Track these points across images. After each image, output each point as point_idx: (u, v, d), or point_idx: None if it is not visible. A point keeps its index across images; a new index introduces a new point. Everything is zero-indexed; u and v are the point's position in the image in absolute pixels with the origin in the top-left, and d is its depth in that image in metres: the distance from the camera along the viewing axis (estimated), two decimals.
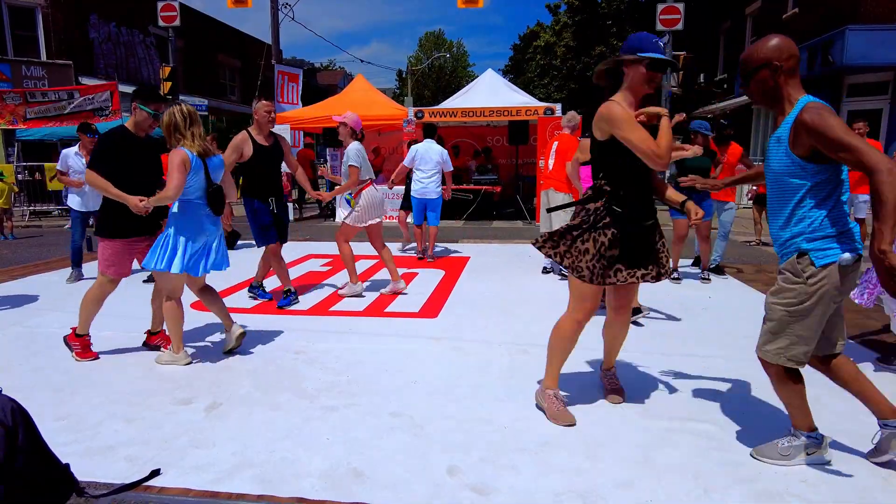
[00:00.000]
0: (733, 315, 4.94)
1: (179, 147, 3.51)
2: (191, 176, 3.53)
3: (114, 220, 3.73)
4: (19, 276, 6.63)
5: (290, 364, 3.79)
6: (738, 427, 2.88)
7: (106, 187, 3.60)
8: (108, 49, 19.49)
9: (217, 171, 3.73)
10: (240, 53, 27.35)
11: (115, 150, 3.67)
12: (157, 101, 3.77)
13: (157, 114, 3.74)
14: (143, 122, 3.74)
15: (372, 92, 14.25)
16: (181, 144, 3.52)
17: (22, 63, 16.74)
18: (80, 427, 2.89)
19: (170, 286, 3.68)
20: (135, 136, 3.76)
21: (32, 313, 5.04)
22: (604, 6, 26.65)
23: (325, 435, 2.80)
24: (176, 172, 3.43)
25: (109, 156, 3.64)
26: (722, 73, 22.98)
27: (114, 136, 3.73)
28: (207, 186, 3.65)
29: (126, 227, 3.74)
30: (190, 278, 3.78)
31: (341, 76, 42.93)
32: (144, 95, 3.75)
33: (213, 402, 3.19)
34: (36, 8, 17.25)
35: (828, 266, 2.23)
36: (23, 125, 13.10)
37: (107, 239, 3.76)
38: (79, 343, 3.85)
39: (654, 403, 3.16)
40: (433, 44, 50.27)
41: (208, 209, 3.67)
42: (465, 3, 13.28)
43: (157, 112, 3.74)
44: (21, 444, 1.99)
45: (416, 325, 4.66)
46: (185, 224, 3.60)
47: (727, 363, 3.78)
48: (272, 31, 16.43)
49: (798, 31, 16.37)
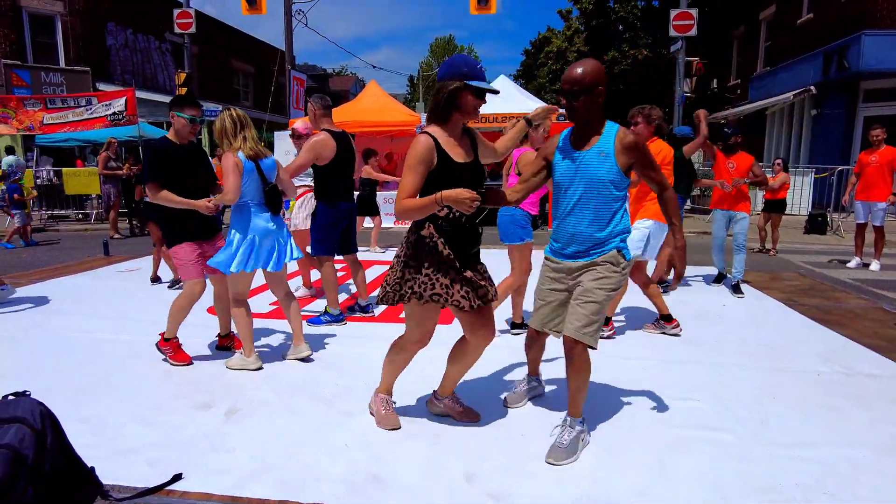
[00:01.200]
0: (748, 323, 4.92)
1: (229, 152, 3.58)
2: (244, 178, 3.59)
3: (176, 227, 3.80)
4: (38, 279, 6.74)
5: (306, 369, 3.83)
6: (754, 436, 2.87)
7: (170, 198, 3.67)
8: (124, 55, 19.78)
9: (271, 171, 3.77)
10: (253, 59, 27.63)
11: (164, 162, 3.71)
12: (194, 107, 3.80)
13: (194, 118, 3.76)
14: (182, 129, 3.78)
15: (385, 98, 14.34)
16: (232, 149, 3.58)
17: (41, 70, 17.04)
18: (102, 430, 2.94)
19: (235, 289, 3.74)
20: (178, 145, 3.80)
21: (53, 316, 5.12)
22: (617, 11, 26.61)
23: (343, 440, 2.83)
24: (231, 175, 3.51)
25: (162, 167, 3.70)
26: (735, 78, 22.87)
27: (159, 149, 3.76)
28: (263, 186, 3.70)
29: (190, 228, 3.81)
30: (272, 282, 3.88)
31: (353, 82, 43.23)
32: (180, 103, 3.79)
33: (233, 406, 3.22)
34: (56, 16, 17.55)
35: (630, 260, 2.75)
36: (40, 130, 13.31)
37: (174, 246, 3.81)
38: (170, 346, 3.91)
39: (670, 411, 3.16)
40: (444, 49, 50.46)
41: (266, 208, 3.73)
42: (478, 10, 13.35)
43: (194, 117, 3.75)
44: (49, 447, 2.04)
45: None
46: (245, 226, 3.66)
47: (742, 371, 3.76)
48: (286, 38, 16.61)
49: (812, 36, 16.28)
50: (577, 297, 2.66)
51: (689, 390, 3.44)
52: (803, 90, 15.71)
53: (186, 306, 3.87)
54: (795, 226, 12.10)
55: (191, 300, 3.85)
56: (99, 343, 4.32)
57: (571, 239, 2.71)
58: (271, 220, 3.74)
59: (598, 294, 2.63)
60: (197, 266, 3.83)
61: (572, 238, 2.71)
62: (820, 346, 4.28)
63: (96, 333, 4.56)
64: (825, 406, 3.23)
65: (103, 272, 7.24)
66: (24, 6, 17.03)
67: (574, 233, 2.70)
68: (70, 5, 17.61)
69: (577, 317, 2.62)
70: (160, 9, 19.79)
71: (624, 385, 3.52)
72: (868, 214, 7.81)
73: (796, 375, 3.69)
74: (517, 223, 4.25)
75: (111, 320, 4.96)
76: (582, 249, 2.70)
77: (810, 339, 4.48)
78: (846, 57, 13.91)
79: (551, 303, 2.85)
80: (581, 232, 2.68)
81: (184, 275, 3.85)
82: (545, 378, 3.51)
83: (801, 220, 12.44)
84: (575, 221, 2.69)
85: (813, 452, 2.71)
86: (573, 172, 2.67)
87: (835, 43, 14.54)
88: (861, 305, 5.56)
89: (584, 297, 2.64)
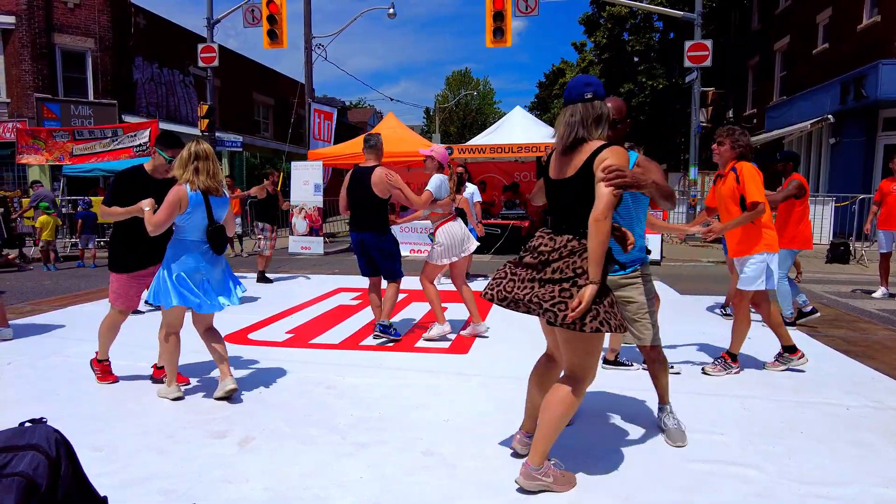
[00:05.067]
0: (770, 354, 4.78)
1: (180, 184, 3.53)
2: (188, 213, 3.52)
3: (119, 254, 3.92)
4: (59, 305, 6.83)
5: (320, 398, 3.80)
6: (781, 472, 2.77)
7: (112, 211, 3.78)
8: (149, 89, 20.38)
9: (221, 209, 3.70)
10: (273, 91, 28.29)
11: (128, 187, 3.82)
12: (175, 148, 3.82)
13: (172, 160, 3.77)
14: (159, 166, 3.90)
15: (401, 129, 14.54)
16: (181, 180, 3.54)
17: (71, 103, 17.62)
18: (115, 457, 2.93)
19: (165, 320, 3.73)
20: (150, 177, 3.90)
21: (71, 343, 5.16)
22: (631, 44, 26.90)
23: (356, 472, 2.78)
24: (164, 207, 3.45)
25: (122, 193, 3.80)
26: (751, 108, 22.87)
27: (128, 175, 3.92)
28: (208, 225, 3.62)
29: (130, 261, 3.90)
30: (195, 316, 3.75)
31: (371, 114, 43.97)
32: (164, 142, 3.89)
33: (246, 435, 3.20)
34: (87, 52, 18.21)
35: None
36: (69, 161, 13.69)
37: (114, 272, 3.95)
38: (99, 368, 4.11)
39: (695, 446, 3.06)
40: (459, 82, 51.25)
41: (208, 247, 3.65)
42: (494, 43, 13.57)
43: (173, 158, 3.77)
44: (63, 475, 2.02)
45: (447, 361, 4.63)
46: (176, 260, 3.57)
47: (765, 403, 3.66)
48: (305, 71, 17.00)
49: (829, 66, 16.28)
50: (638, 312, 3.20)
51: (710, 423, 3.34)
52: (821, 119, 15.63)
53: (112, 327, 4.05)
54: (817, 255, 11.89)
55: (115, 323, 4.03)
56: (113, 371, 4.34)
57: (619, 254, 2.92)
58: (207, 260, 3.63)
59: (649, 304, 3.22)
60: (129, 297, 3.96)
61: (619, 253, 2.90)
62: (846, 379, 4.15)
63: (112, 361, 4.58)
64: (854, 441, 3.12)
65: None
66: (57, 43, 17.72)
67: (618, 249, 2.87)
68: (101, 42, 18.27)
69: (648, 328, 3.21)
70: (185, 43, 20.44)
71: (645, 418, 3.43)
72: (892, 244, 7.66)
73: (822, 409, 3.58)
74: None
75: (126, 347, 4.97)
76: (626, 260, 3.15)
77: (836, 371, 4.35)
78: (864, 86, 13.85)
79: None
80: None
81: (115, 301, 3.96)
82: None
83: (823, 249, 12.23)
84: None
85: (842, 490, 2.60)
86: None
87: (852, 72, 14.52)
88: (889, 337, 5.41)
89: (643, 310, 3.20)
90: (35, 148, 13.48)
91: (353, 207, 5.15)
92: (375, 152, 5.15)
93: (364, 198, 5.04)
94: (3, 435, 2.05)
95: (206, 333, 3.80)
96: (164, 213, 3.45)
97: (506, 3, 13.19)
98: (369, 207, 5.06)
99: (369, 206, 5.05)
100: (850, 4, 15.69)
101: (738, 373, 4.26)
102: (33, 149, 13.48)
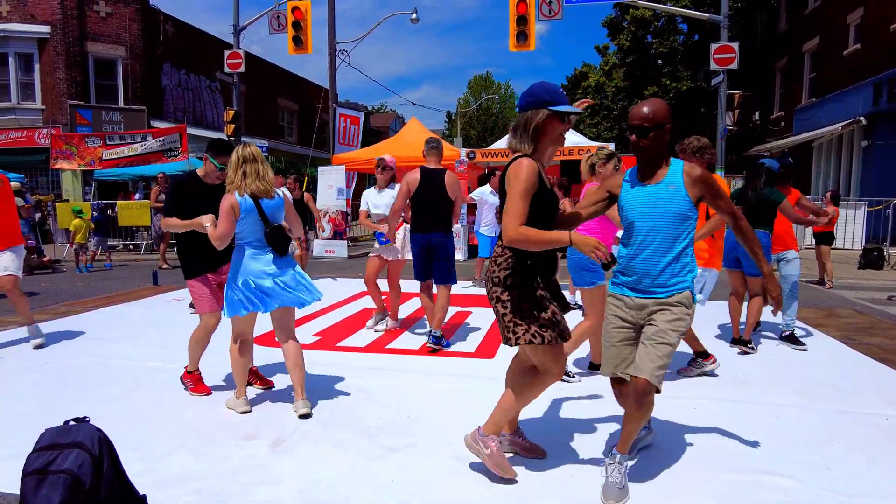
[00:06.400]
0: (802, 361, 4.70)
1: (230, 191, 3.49)
2: (241, 219, 3.46)
3: (190, 260, 3.91)
4: (93, 307, 6.99)
5: (349, 401, 3.83)
6: (819, 483, 2.71)
7: (176, 224, 3.79)
8: (177, 94, 20.81)
9: (275, 211, 3.60)
10: (297, 96, 28.66)
11: (184, 194, 3.87)
12: (225, 155, 3.80)
13: (224, 167, 3.79)
14: (210, 172, 3.94)
15: (425, 133, 14.59)
16: (231, 187, 3.50)
17: (102, 109, 18.11)
18: (150, 457, 2.99)
19: (235, 329, 3.64)
20: (203, 182, 3.95)
21: (104, 344, 5.28)
22: (655, 46, 26.64)
23: (387, 475, 2.79)
24: (222, 220, 3.43)
25: (180, 200, 3.85)
26: (779, 110, 22.47)
27: (183, 182, 3.98)
28: (264, 227, 3.53)
29: (202, 263, 3.89)
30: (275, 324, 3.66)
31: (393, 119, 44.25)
32: (216, 148, 3.91)
33: (278, 437, 3.23)
34: (118, 59, 18.70)
35: (695, 304, 2.72)
36: (100, 166, 14.04)
37: (189, 280, 3.91)
38: (190, 379, 4.02)
39: (728, 455, 3.01)
40: (481, 86, 51.28)
41: (269, 249, 3.56)
42: (517, 47, 13.55)
43: (224, 166, 3.78)
44: (106, 473, 2.08)
45: (474, 366, 4.63)
46: (241, 267, 3.52)
47: (800, 412, 3.58)
48: (329, 76, 17.17)
49: (860, 67, 15.92)
50: (651, 338, 2.58)
51: (742, 431, 3.27)
52: (852, 121, 15.30)
53: (202, 338, 3.95)
54: (849, 261, 11.62)
55: (206, 332, 3.93)
56: (147, 371, 4.43)
57: (644, 274, 2.64)
58: (273, 262, 3.55)
59: (672, 336, 2.56)
60: (210, 299, 3.87)
61: (644, 273, 2.64)
62: (885, 388, 4.04)
63: (145, 362, 4.68)
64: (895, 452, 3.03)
65: (152, 301, 7.46)
66: (90, 51, 18.23)
67: (646, 268, 2.63)
68: (131, 49, 18.74)
69: (651, 358, 2.53)
70: (212, 50, 20.82)
71: (675, 424, 3.39)
72: None
73: (861, 418, 3.49)
74: (584, 267, 4.10)
75: (159, 349, 5.08)
76: (654, 285, 2.63)
77: (873, 379, 4.24)
78: None
79: (618, 344, 2.74)
80: (652, 267, 2.62)
81: (198, 307, 3.91)
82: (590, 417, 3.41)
83: (855, 254, 11.94)
84: (647, 256, 2.63)
85: (885, 503, 2.53)
86: (643, 207, 2.64)
87: (885, 73, 14.18)
88: None
89: (657, 337, 2.56)
90: (68, 153, 13.84)
91: (423, 208, 5.14)
92: (438, 154, 5.30)
93: (437, 198, 5.13)
94: (49, 433, 2.11)
95: (286, 345, 3.64)
96: (223, 224, 3.42)
97: (529, 7, 13.16)
98: (439, 208, 5.16)
99: (440, 206, 5.16)
100: (883, 4, 15.33)
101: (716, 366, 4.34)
102: (66, 154, 13.84)
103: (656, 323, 2.59)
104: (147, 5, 19.31)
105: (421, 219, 5.15)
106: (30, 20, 17.81)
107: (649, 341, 2.57)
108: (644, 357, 2.55)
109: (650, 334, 2.58)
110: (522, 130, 2.59)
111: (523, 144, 2.59)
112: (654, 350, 2.53)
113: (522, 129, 2.59)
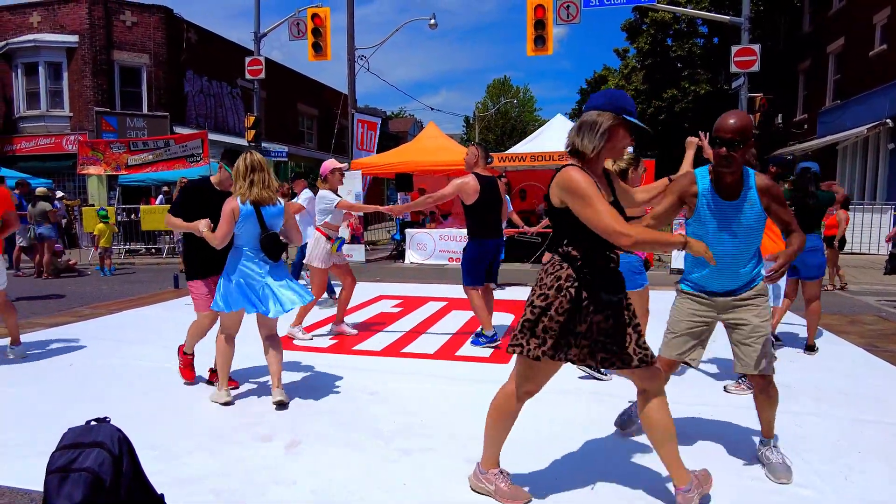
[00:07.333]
0: (823, 368, 4.61)
1: (233, 196, 3.69)
2: (240, 223, 3.66)
3: (194, 263, 4.08)
4: (116, 309, 7.14)
5: (364, 404, 3.86)
6: (838, 493, 2.66)
7: (177, 223, 3.94)
8: (199, 101, 21.17)
9: (274, 218, 3.80)
10: (317, 102, 28.95)
11: (194, 199, 4.00)
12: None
13: None
14: (224, 181, 4.06)
15: (442, 138, 14.67)
16: (235, 193, 3.70)
17: (126, 115, 18.52)
18: (168, 456, 3.05)
19: (222, 323, 3.90)
20: (215, 189, 4.07)
21: (127, 346, 5.39)
22: (675, 49, 26.42)
23: (400, 478, 2.82)
24: (222, 222, 3.62)
25: (189, 204, 3.98)
26: (802, 113, 22.11)
27: (195, 188, 4.12)
28: (261, 233, 3.73)
29: (205, 267, 4.04)
30: (259, 321, 3.86)
31: (411, 123, 44.49)
32: (230, 158, 4.00)
33: (293, 439, 3.28)
34: (142, 67, 19.11)
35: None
36: (124, 171, 14.34)
37: (190, 281, 4.11)
38: (182, 360, 4.32)
39: (745, 461, 2.98)
40: (499, 90, 51.30)
41: (263, 255, 3.77)
42: (535, 51, 13.54)
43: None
44: (125, 472, 2.13)
45: (488, 370, 4.63)
46: (235, 267, 3.75)
47: (820, 420, 3.52)
48: (348, 82, 17.31)
49: (886, 68, 15.61)
50: (749, 336, 2.80)
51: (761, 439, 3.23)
52: (878, 123, 14.99)
53: (197, 334, 4.22)
54: (874, 266, 11.37)
55: (200, 329, 4.19)
56: (167, 372, 4.51)
57: (731, 278, 2.83)
58: (263, 265, 3.75)
59: (765, 327, 2.81)
60: (207, 300, 4.05)
61: (731, 277, 2.83)
62: None
63: (165, 363, 4.76)
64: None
65: (172, 304, 7.60)
66: (115, 59, 18.67)
67: (731, 273, 2.81)
68: (155, 57, 19.14)
69: (757, 354, 2.78)
70: (233, 57, 21.18)
71: (692, 430, 3.35)
72: None
73: (882, 427, 3.42)
74: (633, 269, 4.08)
75: None
76: (737, 286, 2.84)
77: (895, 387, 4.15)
78: None
79: (688, 335, 2.93)
80: (737, 271, 2.81)
81: (196, 307, 4.13)
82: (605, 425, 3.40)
83: (880, 259, 11.68)
84: (730, 262, 2.80)
85: None
86: (727, 217, 2.78)
87: None
88: None
89: (755, 334, 2.79)
90: (94, 159, 14.16)
91: (490, 214, 5.30)
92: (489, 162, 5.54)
93: (499, 204, 5.40)
94: (72, 432, 2.17)
95: (267, 340, 3.89)
96: (223, 226, 3.63)
97: (547, 11, 13.16)
98: (499, 212, 5.42)
99: (499, 211, 5.43)
100: None
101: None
102: (92, 160, 14.17)
103: (747, 321, 2.80)
104: (171, 14, 19.70)
105: (489, 224, 5.29)
106: (59, 30, 18.31)
107: (749, 339, 2.79)
108: (751, 356, 2.78)
109: (747, 332, 2.80)
110: (589, 129, 2.35)
111: (587, 143, 2.35)
112: (756, 346, 2.78)
113: (589, 129, 2.35)
